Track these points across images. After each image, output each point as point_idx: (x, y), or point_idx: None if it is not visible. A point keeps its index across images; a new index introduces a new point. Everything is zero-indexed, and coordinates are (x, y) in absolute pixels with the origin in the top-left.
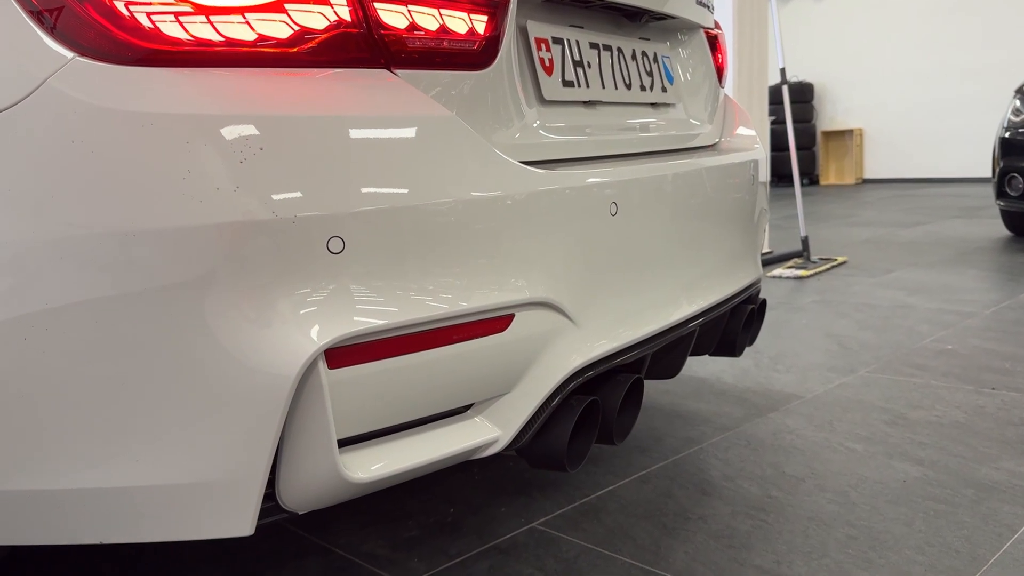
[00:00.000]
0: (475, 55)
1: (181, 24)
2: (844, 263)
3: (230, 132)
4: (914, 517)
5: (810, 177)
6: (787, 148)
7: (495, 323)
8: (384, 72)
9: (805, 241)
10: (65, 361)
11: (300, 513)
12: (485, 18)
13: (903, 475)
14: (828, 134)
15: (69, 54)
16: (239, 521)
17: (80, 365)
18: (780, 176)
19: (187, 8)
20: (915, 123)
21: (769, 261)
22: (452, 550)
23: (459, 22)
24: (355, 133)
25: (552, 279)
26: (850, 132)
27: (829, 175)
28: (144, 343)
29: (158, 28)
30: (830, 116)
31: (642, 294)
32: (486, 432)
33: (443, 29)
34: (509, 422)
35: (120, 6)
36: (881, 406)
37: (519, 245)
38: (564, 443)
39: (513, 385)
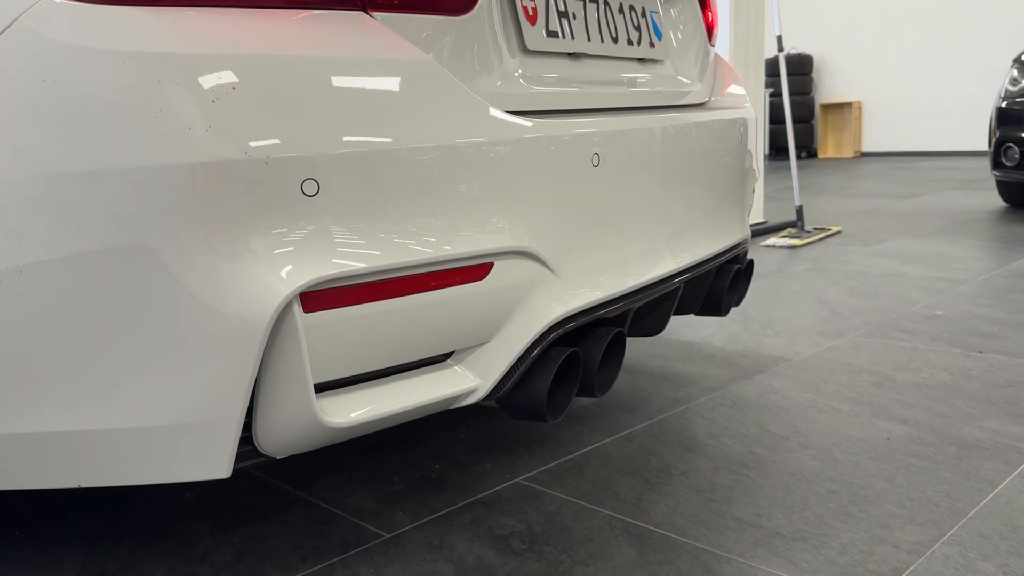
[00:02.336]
0: (454, 0)
1: None
2: (838, 233)
3: (203, 72)
4: (896, 473)
5: (808, 150)
6: (784, 120)
7: (474, 271)
8: (361, 15)
9: (799, 211)
10: (39, 303)
11: (278, 458)
12: None
13: (887, 434)
14: (827, 107)
15: None
16: (216, 464)
17: (54, 307)
18: (778, 149)
19: None
20: (914, 96)
21: (763, 231)
22: (436, 504)
23: None
24: (330, 75)
25: (532, 229)
26: (849, 105)
27: (827, 148)
28: (118, 285)
29: None
30: (829, 89)
31: (624, 247)
32: (465, 381)
33: None
34: (489, 371)
35: None
36: (868, 368)
37: (497, 194)
38: (544, 393)
39: (493, 334)
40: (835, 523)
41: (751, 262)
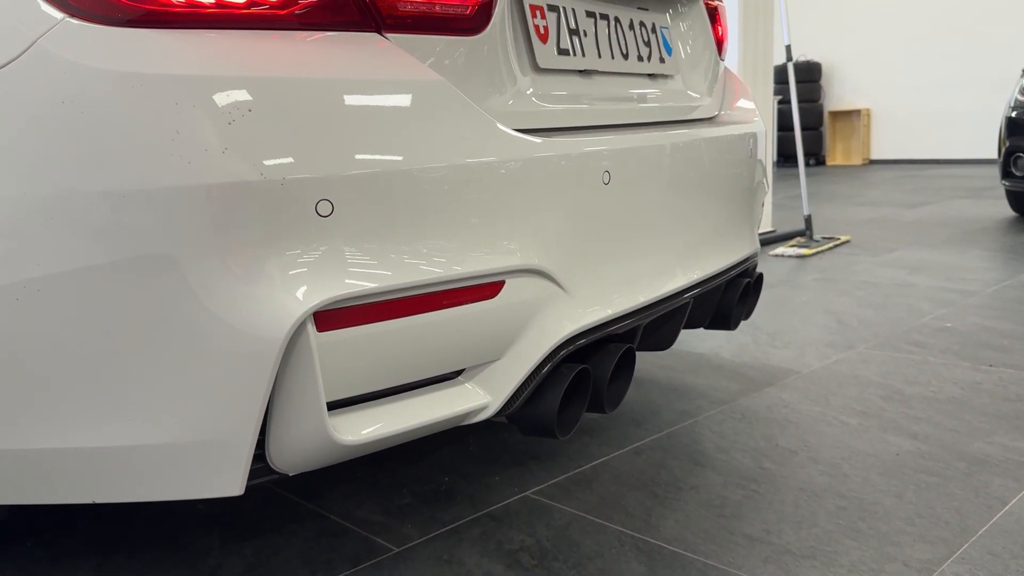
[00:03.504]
0: (467, 20)
1: None
2: (847, 242)
3: (219, 93)
4: (905, 489)
5: (817, 158)
6: (793, 128)
7: (485, 289)
8: (375, 36)
9: (808, 220)
10: (57, 322)
11: (290, 475)
12: None
13: (896, 448)
14: (835, 114)
15: (59, 15)
16: (229, 481)
17: (72, 326)
18: (786, 156)
19: None
20: (923, 104)
21: (772, 240)
22: (445, 517)
23: None
24: (344, 96)
25: (542, 247)
26: (858, 112)
27: (836, 156)
28: (134, 304)
29: None
30: (838, 96)
31: (635, 264)
32: (476, 398)
33: None
34: (499, 388)
35: None
36: (878, 381)
37: (509, 213)
38: (554, 410)
39: (503, 352)
40: (844, 540)
41: (760, 276)
